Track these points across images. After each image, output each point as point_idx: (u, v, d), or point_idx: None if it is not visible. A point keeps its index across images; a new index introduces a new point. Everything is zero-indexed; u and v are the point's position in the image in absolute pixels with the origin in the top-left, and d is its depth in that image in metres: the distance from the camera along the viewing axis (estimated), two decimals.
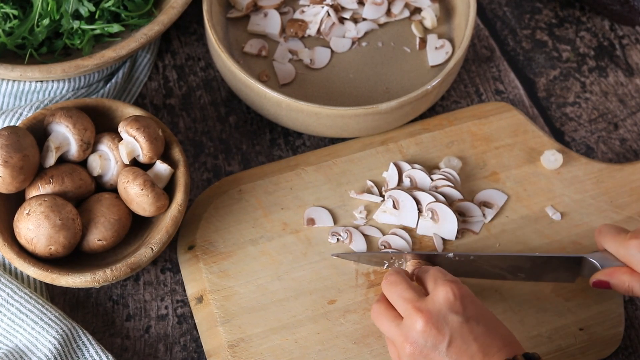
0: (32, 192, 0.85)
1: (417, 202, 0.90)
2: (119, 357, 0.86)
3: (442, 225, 0.90)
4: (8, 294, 0.84)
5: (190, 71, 1.05)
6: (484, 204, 0.93)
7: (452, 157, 0.95)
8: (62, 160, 0.88)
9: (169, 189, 0.88)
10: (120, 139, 0.89)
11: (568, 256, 0.84)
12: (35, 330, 0.82)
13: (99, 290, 0.89)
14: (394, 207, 0.91)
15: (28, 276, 0.87)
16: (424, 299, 0.75)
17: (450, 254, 0.85)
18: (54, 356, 0.81)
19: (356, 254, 0.89)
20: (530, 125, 0.99)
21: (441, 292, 0.74)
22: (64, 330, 0.82)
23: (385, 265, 0.88)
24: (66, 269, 0.83)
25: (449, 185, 0.92)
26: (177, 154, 0.89)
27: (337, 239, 0.90)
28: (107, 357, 0.83)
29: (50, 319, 0.83)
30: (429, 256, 0.86)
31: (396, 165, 0.94)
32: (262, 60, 1.03)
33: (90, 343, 0.83)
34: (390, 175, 0.94)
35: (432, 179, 0.93)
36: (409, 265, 0.85)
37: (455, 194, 0.91)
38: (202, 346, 0.86)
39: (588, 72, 1.07)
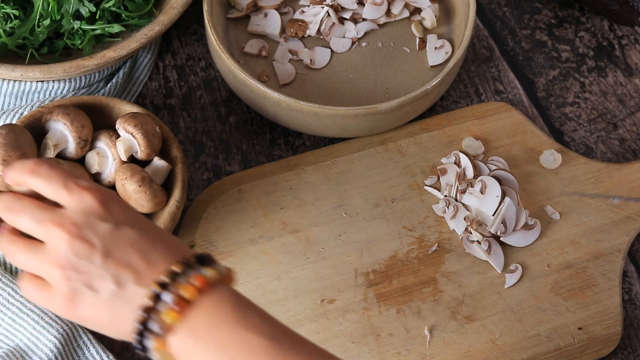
0: None
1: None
2: (120, 356, 0.86)
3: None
4: (9, 294, 0.84)
5: (190, 71, 1.05)
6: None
7: (472, 138, 0.96)
8: (60, 157, 0.88)
9: (167, 185, 0.89)
10: (118, 136, 0.89)
11: None
12: (35, 330, 0.83)
13: None
14: (481, 191, 0.91)
15: None
16: (60, 211, 0.63)
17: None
18: (55, 356, 0.82)
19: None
20: (529, 125, 0.99)
21: (83, 199, 0.63)
22: (64, 330, 0.83)
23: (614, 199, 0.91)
24: None
25: (505, 170, 0.93)
26: (174, 150, 0.89)
27: (445, 210, 0.92)
28: (107, 356, 0.83)
29: (50, 318, 0.83)
30: None
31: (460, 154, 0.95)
32: (262, 60, 1.03)
33: (91, 342, 0.84)
34: (465, 163, 0.94)
35: (489, 168, 0.94)
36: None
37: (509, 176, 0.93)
38: None
39: (587, 72, 1.07)
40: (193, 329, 0.60)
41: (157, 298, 0.61)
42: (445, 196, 0.93)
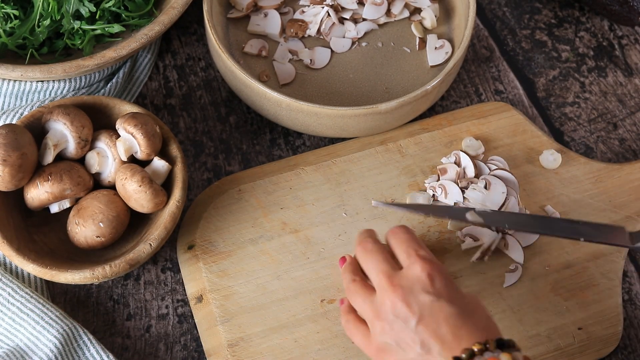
0: (30, 190, 0.86)
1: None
2: (120, 356, 0.86)
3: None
4: (9, 294, 0.84)
5: (190, 71, 1.05)
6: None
7: (472, 138, 0.96)
8: (60, 157, 0.88)
9: (166, 185, 0.89)
10: (118, 136, 0.89)
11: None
12: (36, 330, 0.83)
13: (100, 290, 0.90)
14: (486, 187, 0.92)
15: (29, 275, 0.88)
16: (397, 273, 0.74)
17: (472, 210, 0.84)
18: (55, 355, 0.82)
19: (399, 204, 0.87)
20: (529, 125, 0.99)
21: (415, 268, 0.73)
22: (64, 330, 0.83)
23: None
24: (65, 265, 0.83)
25: (505, 169, 0.94)
26: (174, 150, 0.90)
27: (433, 194, 0.92)
28: (107, 356, 0.83)
29: (51, 318, 0.83)
30: (459, 210, 0.84)
31: (460, 154, 0.95)
32: (262, 60, 1.03)
33: (91, 342, 0.84)
34: (465, 163, 0.94)
35: (489, 168, 0.94)
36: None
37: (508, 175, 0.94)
38: (202, 345, 0.86)
39: (587, 72, 1.07)
40: None
41: None
42: None
